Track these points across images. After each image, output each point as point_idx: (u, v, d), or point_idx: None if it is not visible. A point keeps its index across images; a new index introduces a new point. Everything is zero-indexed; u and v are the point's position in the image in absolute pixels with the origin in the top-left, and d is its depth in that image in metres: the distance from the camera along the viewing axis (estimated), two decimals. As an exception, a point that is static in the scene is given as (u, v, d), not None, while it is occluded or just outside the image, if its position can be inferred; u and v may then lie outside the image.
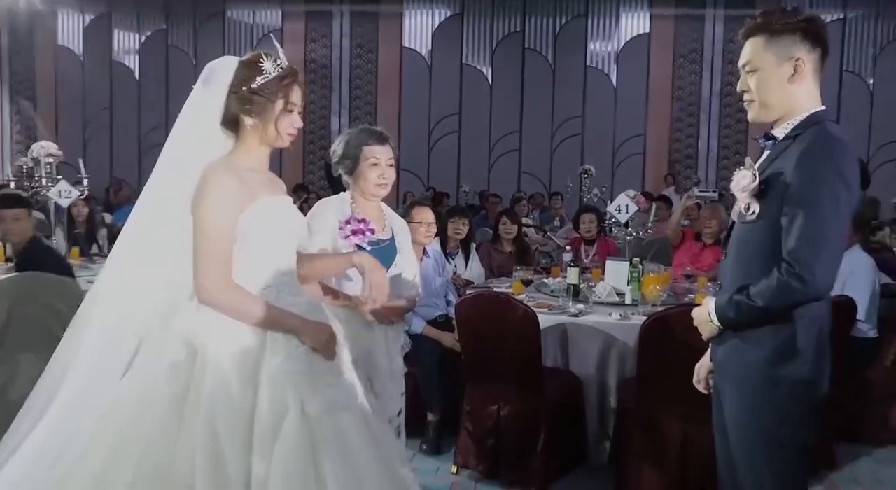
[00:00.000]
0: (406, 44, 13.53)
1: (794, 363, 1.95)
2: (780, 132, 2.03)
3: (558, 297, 4.26)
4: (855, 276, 4.31)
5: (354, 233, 2.60)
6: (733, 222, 2.12)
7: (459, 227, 5.16)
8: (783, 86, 2.00)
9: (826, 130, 1.94)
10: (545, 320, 3.75)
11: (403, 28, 13.53)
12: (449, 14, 13.50)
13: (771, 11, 2.02)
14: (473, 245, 5.45)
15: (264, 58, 2.02)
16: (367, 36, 13.57)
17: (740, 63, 2.07)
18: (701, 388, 2.28)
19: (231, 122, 2.06)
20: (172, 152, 2.07)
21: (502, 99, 13.25)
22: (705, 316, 2.06)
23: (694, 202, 6.09)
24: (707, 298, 2.12)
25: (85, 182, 5.76)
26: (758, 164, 2.03)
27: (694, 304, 4.19)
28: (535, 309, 3.67)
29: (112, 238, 5.92)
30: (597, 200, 7.09)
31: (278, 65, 2.03)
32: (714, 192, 6.36)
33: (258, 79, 2.01)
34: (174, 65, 13.45)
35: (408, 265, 2.81)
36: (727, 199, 11.89)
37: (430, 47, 13.52)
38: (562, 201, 10.32)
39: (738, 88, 2.08)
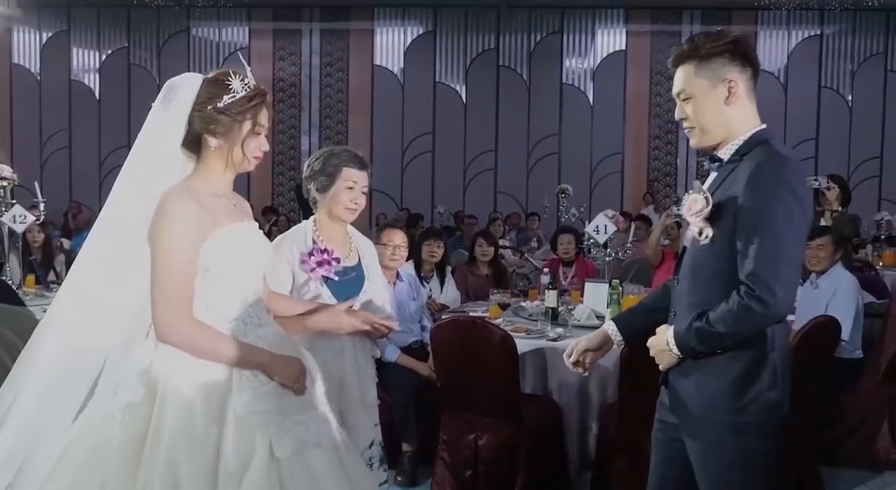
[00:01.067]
0: (378, 61, 13.59)
1: (757, 386, 1.97)
2: (725, 154, 2.07)
3: (536, 320, 4.26)
4: (838, 296, 4.36)
5: (320, 264, 2.56)
6: (684, 248, 2.14)
7: (434, 250, 5.16)
8: (720, 109, 2.04)
9: (773, 148, 1.98)
10: (523, 345, 3.74)
11: (375, 45, 13.60)
12: (421, 31, 13.60)
13: (696, 36, 2.08)
14: (449, 268, 5.44)
15: (232, 76, 1.98)
16: (337, 54, 13.62)
17: (674, 92, 2.11)
18: (569, 361, 2.32)
19: (192, 143, 2.01)
20: (130, 176, 2.02)
21: (477, 117, 13.34)
22: (663, 345, 2.06)
23: (674, 221, 6.14)
24: (663, 327, 2.12)
25: (41, 206, 5.68)
26: (706, 187, 2.06)
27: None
28: (512, 333, 3.67)
29: (70, 265, 5.83)
30: (574, 220, 7.14)
31: (246, 84, 1.98)
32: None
33: (225, 98, 1.95)
34: (136, 84, 13.38)
35: (378, 290, 2.77)
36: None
37: (402, 65, 13.59)
38: (539, 222, 10.37)
39: (677, 117, 2.12)
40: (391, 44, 13.61)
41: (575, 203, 8.77)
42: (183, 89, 1.98)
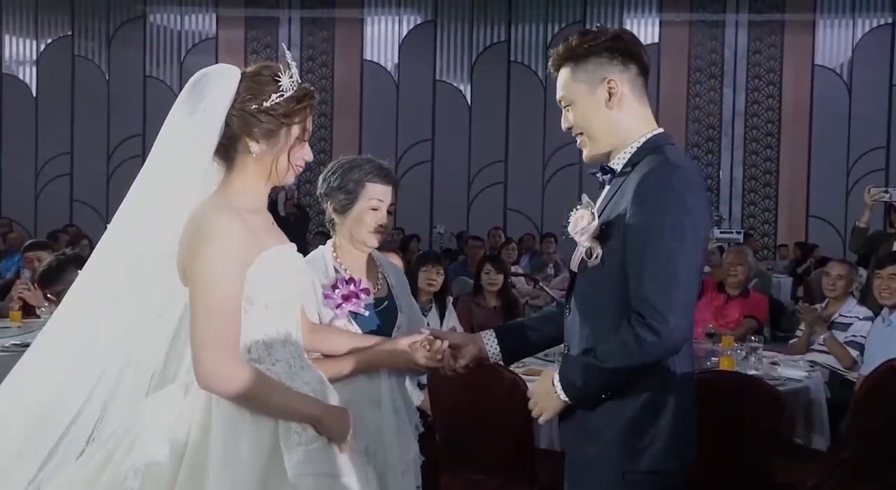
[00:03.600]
0: (368, 56, 13.68)
1: (653, 429, 2.05)
2: (617, 164, 2.17)
3: (553, 361, 4.25)
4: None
5: (347, 298, 2.54)
6: (573, 273, 2.22)
7: (432, 277, 5.17)
8: (603, 113, 2.15)
9: (663, 157, 2.08)
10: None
11: (364, 37, 13.69)
12: (419, 21, 13.70)
13: (572, 35, 2.21)
14: (450, 298, 5.44)
15: (282, 72, 1.98)
16: (320, 46, 13.71)
17: (557, 98, 2.25)
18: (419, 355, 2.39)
19: (222, 149, 1.99)
20: (146, 193, 1.99)
21: (484, 122, 13.40)
22: (548, 388, 2.11)
23: (715, 246, 6.16)
24: (548, 370, 2.17)
25: (-34, 223, 5.69)
26: (598, 202, 2.17)
27: (717, 370, 4.20)
28: (524, 377, 3.66)
29: (-3, 292, 5.82)
30: (599, 243, 7.11)
31: (294, 81, 1.99)
32: (738, 233, 6.38)
33: (273, 96, 1.95)
34: (81, 79, 13.44)
35: (412, 327, 2.72)
36: (755, 241, 11.94)
37: (396, 60, 13.67)
38: (556, 244, 10.37)
39: (563, 127, 2.24)
40: (384, 35, 13.71)
41: (599, 223, 8.78)
42: (219, 83, 1.97)
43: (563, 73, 2.21)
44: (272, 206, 11.22)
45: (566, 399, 2.08)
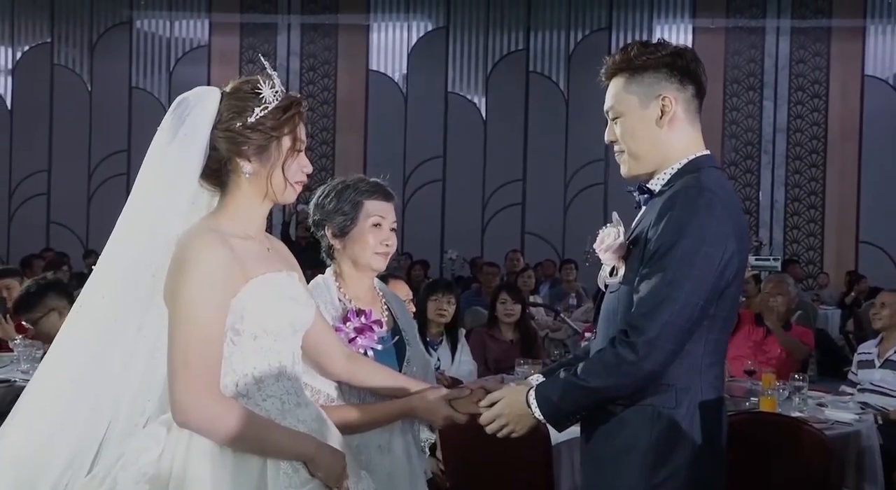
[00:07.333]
0: (374, 66, 13.74)
1: (671, 462, 2.10)
2: (656, 184, 2.27)
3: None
4: None
5: (360, 332, 2.56)
6: (602, 293, 2.31)
7: (443, 307, 5.17)
8: (652, 130, 2.24)
9: (696, 179, 2.17)
10: (559, 434, 3.72)
11: (370, 45, 13.77)
12: (430, 27, 13.77)
13: (630, 46, 2.28)
14: (462, 331, 5.45)
15: (262, 83, 2.05)
16: (321, 55, 13.79)
17: (604, 109, 2.32)
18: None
19: (213, 174, 2.07)
20: (131, 228, 2.06)
21: (500, 138, 13.42)
22: (521, 406, 2.18)
23: (752, 274, 6.14)
24: (513, 387, 2.26)
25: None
26: (634, 224, 2.30)
27: (757, 411, 4.18)
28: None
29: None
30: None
31: (276, 92, 2.07)
32: (776, 260, 6.34)
33: (256, 110, 2.03)
34: (61, 89, 13.53)
35: (421, 359, 2.77)
36: (798, 268, 11.89)
37: (405, 70, 13.73)
38: (578, 272, 10.37)
39: (606, 139, 2.34)
40: (391, 43, 13.78)
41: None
42: (199, 105, 2.05)
43: (616, 84, 2.28)
44: (285, 231, 11.31)
45: (541, 417, 2.17)
